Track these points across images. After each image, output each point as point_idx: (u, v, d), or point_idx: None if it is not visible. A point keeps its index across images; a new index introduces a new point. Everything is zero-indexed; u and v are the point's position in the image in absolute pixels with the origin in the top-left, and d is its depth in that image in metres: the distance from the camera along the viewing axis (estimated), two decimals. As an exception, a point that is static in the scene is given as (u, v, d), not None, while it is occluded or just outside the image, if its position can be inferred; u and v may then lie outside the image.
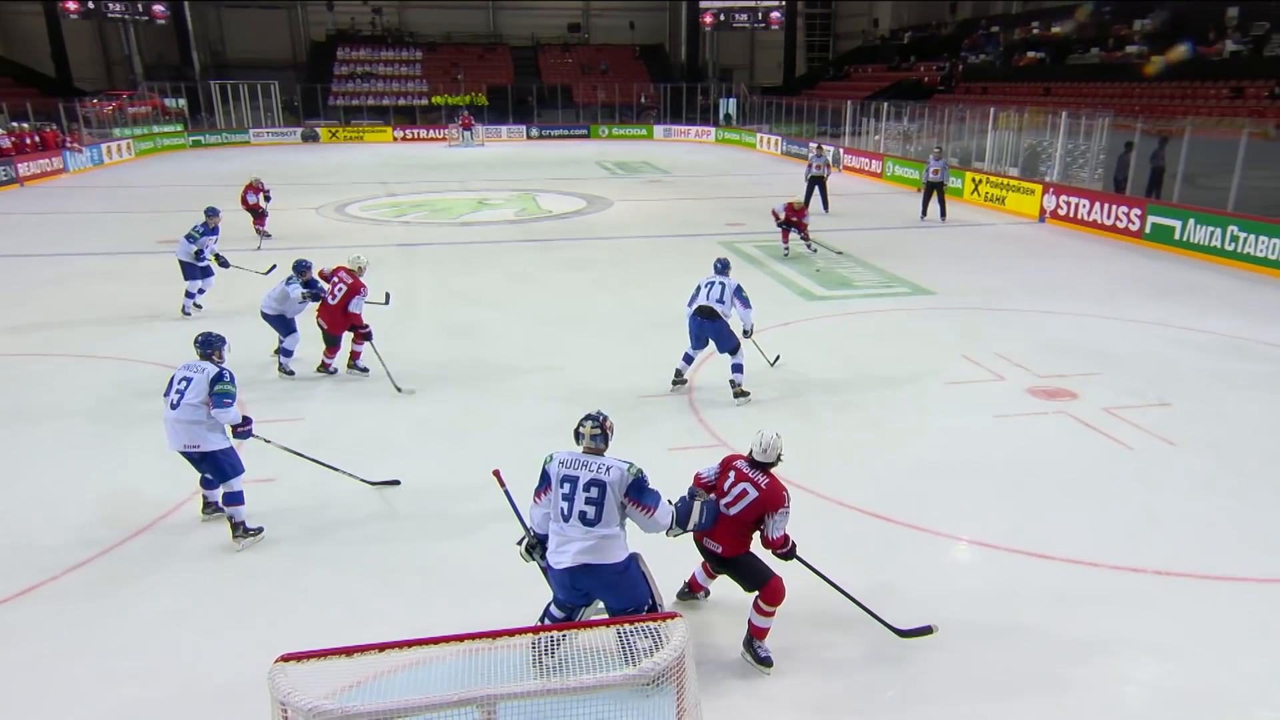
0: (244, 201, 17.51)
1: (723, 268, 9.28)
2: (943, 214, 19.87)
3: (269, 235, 17.77)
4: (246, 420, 6.34)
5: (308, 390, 9.60)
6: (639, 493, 4.58)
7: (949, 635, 5.24)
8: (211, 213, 12.46)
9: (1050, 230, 19.17)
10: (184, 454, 6.22)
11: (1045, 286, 13.96)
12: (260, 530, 6.41)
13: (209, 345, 6.43)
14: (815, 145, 22.52)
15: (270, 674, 3.21)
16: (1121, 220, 17.83)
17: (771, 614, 4.93)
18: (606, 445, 4.75)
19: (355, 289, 9.17)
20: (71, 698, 4.82)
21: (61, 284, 14.23)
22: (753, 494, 4.92)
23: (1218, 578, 5.95)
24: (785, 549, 4.99)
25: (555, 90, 48.84)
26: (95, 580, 5.95)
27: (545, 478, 4.68)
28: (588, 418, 4.77)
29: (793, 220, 15.93)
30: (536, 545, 4.85)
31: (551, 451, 4.73)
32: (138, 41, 46.09)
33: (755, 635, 4.98)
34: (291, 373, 9.81)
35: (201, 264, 12.15)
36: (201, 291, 12.45)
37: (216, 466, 6.25)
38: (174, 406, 6.10)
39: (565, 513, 4.55)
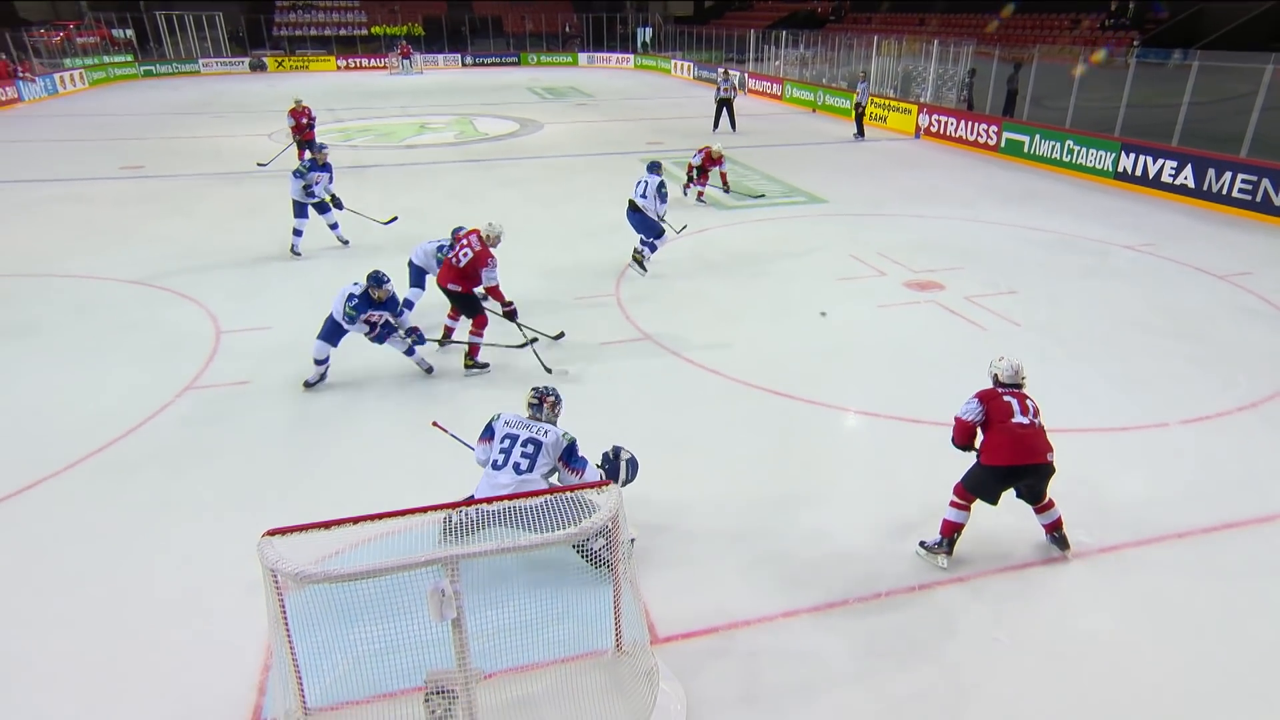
0: (295, 125, 15.40)
1: (652, 169, 9.97)
2: (860, 133, 19.94)
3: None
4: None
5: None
6: (570, 456, 4.61)
7: (842, 486, 5.51)
8: (320, 148, 10.75)
9: (924, 145, 19.33)
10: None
11: (919, 194, 14.18)
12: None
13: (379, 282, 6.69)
14: (723, 70, 22.00)
15: (259, 546, 3.22)
16: (982, 136, 18.09)
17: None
18: (543, 415, 4.76)
19: (482, 258, 7.22)
20: (79, 578, 4.78)
21: (30, 209, 13.35)
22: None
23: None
24: None
25: (487, 20, 46.69)
26: (91, 475, 5.82)
27: (489, 430, 4.72)
28: (532, 389, 4.83)
29: (708, 169, 13.83)
30: None
31: (499, 411, 4.77)
32: (81, -28, 42.21)
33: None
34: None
35: (313, 200, 10.49)
36: (298, 234, 10.69)
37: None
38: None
39: (500, 463, 4.58)
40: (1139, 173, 14.29)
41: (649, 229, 9.83)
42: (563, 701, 3.80)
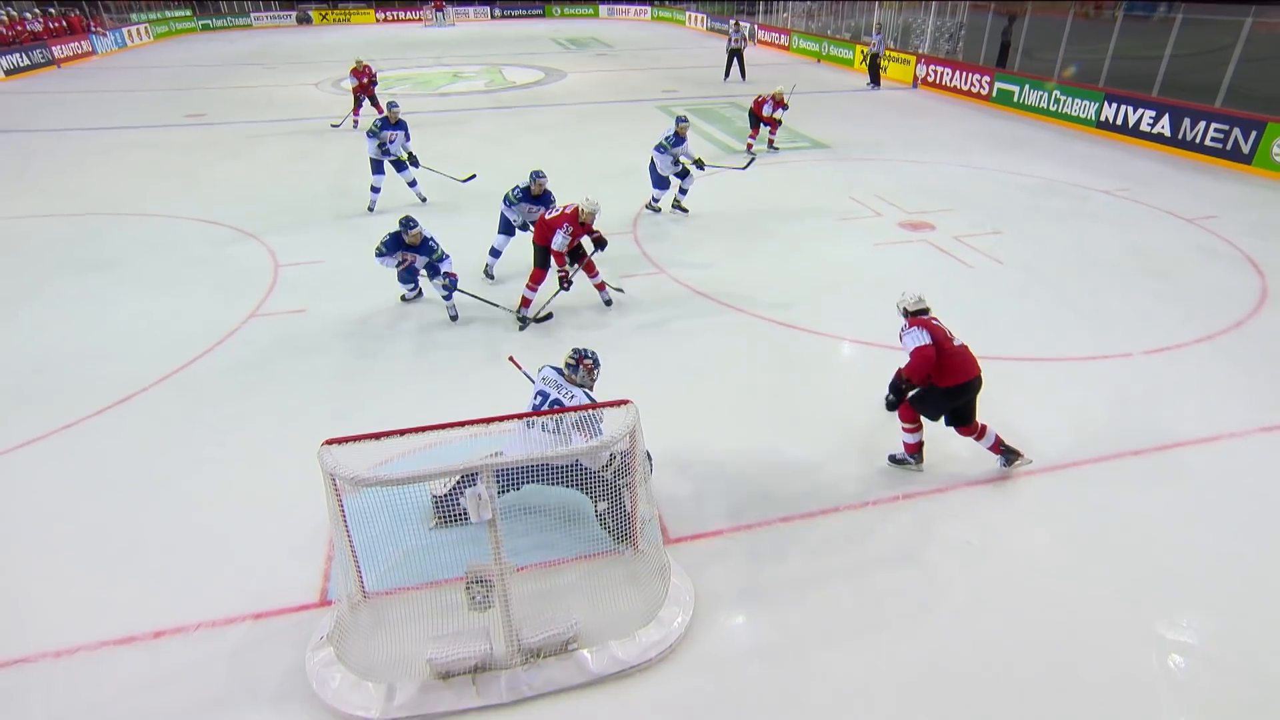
0: (358, 84, 14.55)
1: (677, 122, 9.54)
2: (877, 82, 19.22)
3: (356, 123, 14.84)
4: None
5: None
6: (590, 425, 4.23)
7: (837, 407, 5.51)
8: (391, 106, 9.77)
9: (921, 94, 18.66)
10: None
11: (915, 140, 13.75)
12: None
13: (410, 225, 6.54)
14: (734, 22, 21.15)
15: (318, 454, 3.27)
16: (975, 86, 17.41)
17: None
18: (579, 376, 4.33)
19: (560, 220, 6.67)
20: (167, 480, 4.90)
21: (109, 154, 13.22)
22: None
23: (1027, 358, 6.28)
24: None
25: (514, -27, 44.88)
26: (173, 391, 5.92)
27: (532, 380, 4.51)
28: (573, 349, 4.45)
29: (776, 113, 12.72)
30: None
31: (546, 363, 4.50)
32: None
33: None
34: (491, 276, 7.92)
35: (389, 158, 9.70)
36: (375, 190, 9.85)
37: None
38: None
39: (531, 420, 4.11)
40: (1119, 122, 13.77)
41: (655, 181, 9.65)
42: (585, 592, 3.90)
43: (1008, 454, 4.85)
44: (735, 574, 4.06)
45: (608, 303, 7.24)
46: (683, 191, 9.85)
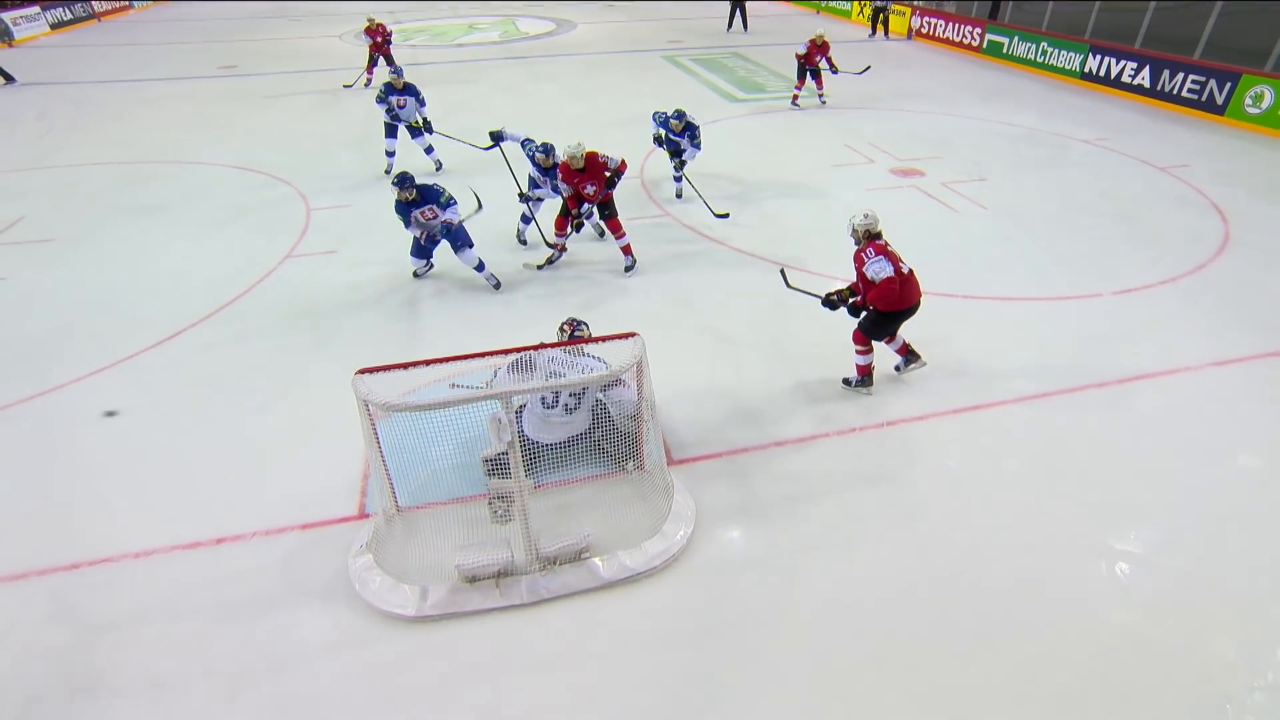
0: (372, 44, 13.18)
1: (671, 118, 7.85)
2: (886, 32, 18.48)
3: (369, 82, 13.64)
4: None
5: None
6: (614, 383, 4.15)
7: (827, 343, 5.46)
8: (394, 73, 8.92)
9: (916, 46, 17.88)
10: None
11: (908, 91, 13.25)
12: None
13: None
14: (736, -26, 20.21)
15: (352, 382, 3.26)
16: (967, 38, 16.66)
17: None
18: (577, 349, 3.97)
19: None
20: (216, 407, 4.93)
21: (151, 104, 12.87)
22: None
23: (1004, 298, 6.19)
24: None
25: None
26: (218, 326, 5.90)
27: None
28: (569, 319, 4.32)
29: (815, 58, 11.76)
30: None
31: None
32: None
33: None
34: (524, 242, 7.31)
35: (399, 124, 8.87)
36: (390, 154, 9.07)
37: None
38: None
39: (550, 400, 4.08)
40: (1103, 73, 13.22)
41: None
42: (597, 508, 3.95)
43: (912, 355, 4.99)
44: (733, 492, 4.10)
45: (627, 269, 6.63)
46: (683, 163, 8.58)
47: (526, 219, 7.10)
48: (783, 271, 5.38)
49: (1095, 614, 3.42)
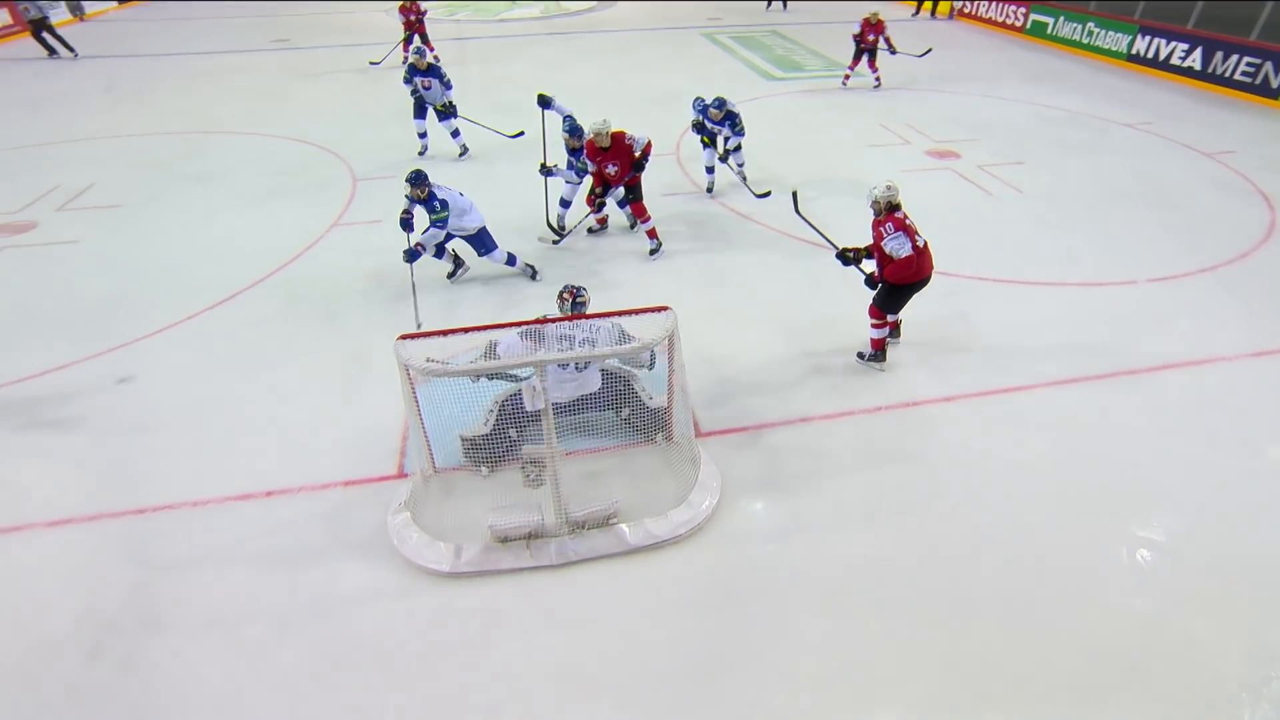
0: (405, 21, 12.90)
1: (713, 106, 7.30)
2: (933, 12, 17.82)
3: (405, 59, 12.47)
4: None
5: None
6: (623, 340, 3.94)
7: (856, 320, 5.34)
8: (417, 53, 8.43)
9: (958, 26, 17.22)
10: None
11: (948, 72, 12.77)
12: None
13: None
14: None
15: (394, 347, 3.30)
16: (1010, 18, 15.97)
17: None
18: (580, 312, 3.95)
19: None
20: (268, 365, 5.04)
21: (209, 76, 13.03)
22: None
23: (1037, 283, 5.99)
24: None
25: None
26: (270, 290, 6.01)
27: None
28: (567, 287, 4.21)
29: (869, 37, 11.25)
30: None
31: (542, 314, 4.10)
32: None
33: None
34: (562, 229, 6.84)
35: (427, 105, 8.48)
36: (421, 135, 8.80)
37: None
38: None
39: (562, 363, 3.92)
40: (1151, 55, 12.56)
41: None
42: (626, 476, 3.97)
43: (895, 333, 4.97)
44: (758, 466, 4.08)
45: (652, 252, 6.40)
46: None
47: (565, 203, 6.73)
48: (794, 194, 5.25)
49: (1113, 599, 3.35)
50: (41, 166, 8.68)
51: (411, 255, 5.35)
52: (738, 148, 7.51)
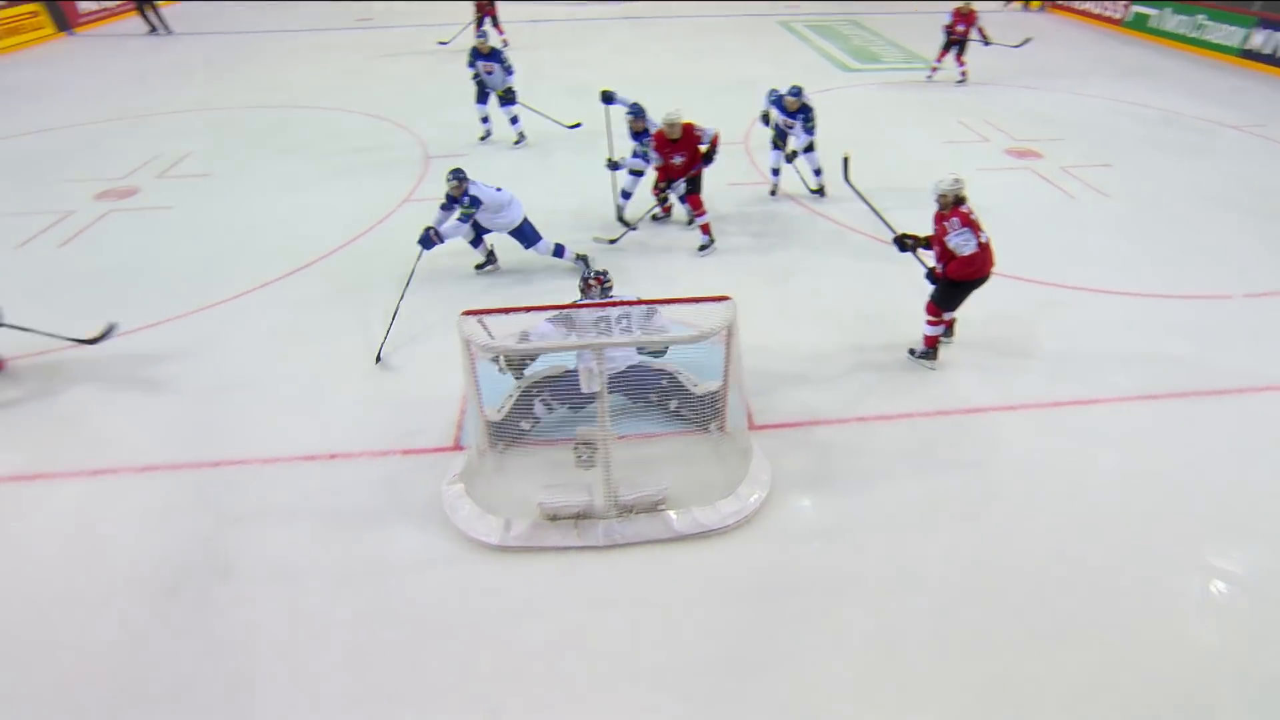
0: (477, 3, 13.01)
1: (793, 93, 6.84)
2: (1026, 2, 17.03)
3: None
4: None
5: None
6: (651, 314, 3.91)
7: (921, 321, 5.19)
8: (480, 36, 8.39)
9: (1049, 18, 16.33)
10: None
11: (1034, 66, 12.14)
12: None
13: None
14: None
15: (457, 322, 3.37)
16: (1108, 9, 15.02)
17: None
18: (607, 296, 3.98)
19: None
20: (343, 332, 5.23)
21: (297, 54, 13.53)
22: None
23: (1118, 292, 5.68)
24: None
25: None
26: (345, 261, 6.23)
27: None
28: (594, 272, 4.22)
29: (959, 29, 10.77)
30: None
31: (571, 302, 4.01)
32: None
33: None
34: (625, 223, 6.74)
35: (488, 90, 8.48)
36: (484, 120, 8.76)
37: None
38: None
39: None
40: (1269, 51, 11.59)
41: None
42: (677, 463, 3.96)
43: (949, 331, 4.83)
44: (810, 462, 4.02)
45: (702, 248, 6.22)
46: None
47: (626, 194, 6.66)
48: (845, 159, 5.10)
49: (1179, 629, 3.17)
50: (146, 135, 9.21)
51: (426, 242, 5.25)
52: (809, 147, 7.02)
